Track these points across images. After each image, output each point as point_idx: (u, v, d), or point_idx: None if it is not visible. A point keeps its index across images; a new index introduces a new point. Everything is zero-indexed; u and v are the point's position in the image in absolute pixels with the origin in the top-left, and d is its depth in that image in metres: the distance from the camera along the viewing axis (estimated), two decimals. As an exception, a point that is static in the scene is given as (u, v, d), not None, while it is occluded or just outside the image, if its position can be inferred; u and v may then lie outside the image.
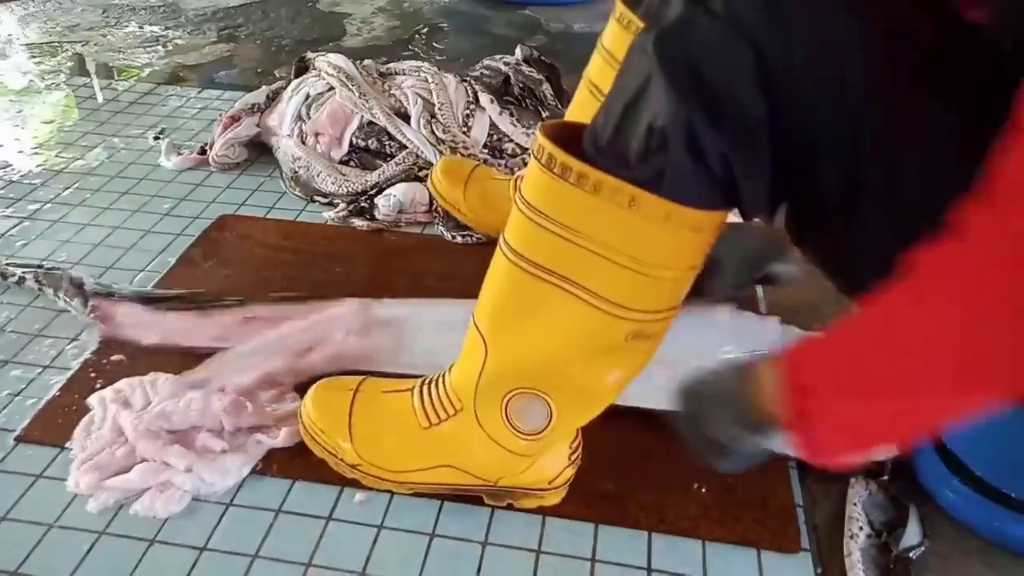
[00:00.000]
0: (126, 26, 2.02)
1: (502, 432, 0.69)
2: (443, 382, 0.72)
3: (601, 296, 0.59)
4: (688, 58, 0.50)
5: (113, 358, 0.92)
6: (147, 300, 1.00)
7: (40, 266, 1.06)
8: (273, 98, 1.41)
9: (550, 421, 0.67)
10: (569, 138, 0.57)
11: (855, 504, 0.74)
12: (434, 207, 1.20)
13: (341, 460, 0.75)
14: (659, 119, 0.52)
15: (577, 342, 0.63)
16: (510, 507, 0.75)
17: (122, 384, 0.86)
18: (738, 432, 0.56)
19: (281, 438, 0.80)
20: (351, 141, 1.29)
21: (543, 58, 1.45)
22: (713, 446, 0.59)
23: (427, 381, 0.74)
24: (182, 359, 0.91)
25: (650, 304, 0.60)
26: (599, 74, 0.89)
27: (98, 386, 0.87)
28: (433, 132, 1.26)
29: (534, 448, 0.70)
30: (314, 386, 0.78)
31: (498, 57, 1.45)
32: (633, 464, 0.80)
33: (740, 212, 0.56)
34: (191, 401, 0.81)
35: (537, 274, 0.60)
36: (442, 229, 1.18)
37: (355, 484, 0.77)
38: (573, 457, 0.73)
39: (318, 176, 1.25)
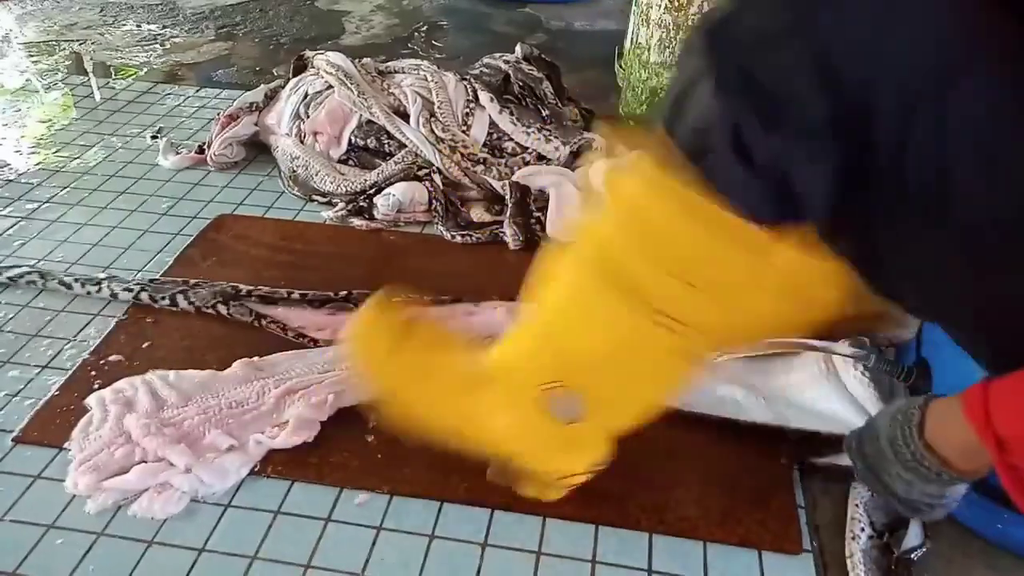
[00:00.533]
0: (124, 24, 2.01)
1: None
2: None
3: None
4: (739, 55, 0.47)
5: (111, 358, 0.92)
6: (311, 302, 1.00)
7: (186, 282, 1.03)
8: (271, 97, 1.40)
9: (586, 417, 0.64)
10: None
11: (857, 505, 0.74)
12: (433, 206, 1.19)
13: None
14: (702, 121, 0.49)
15: (625, 349, 0.59)
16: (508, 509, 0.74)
17: (122, 384, 0.86)
18: (915, 484, 0.56)
19: (280, 439, 0.80)
20: (350, 140, 1.29)
21: (543, 56, 1.45)
22: (898, 500, 0.58)
23: None
24: (183, 357, 0.91)
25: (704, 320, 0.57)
26: None
27: (96, 386, 0.87)
28: (432, 131, 1.25)
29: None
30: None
31: (498, 55, 1.45)
32: (634, 465, 0.79)
33: (795, 220, 0.51)
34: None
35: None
36: (441, 228, 1.17)
37: (354, 485, 0.77)
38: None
39: (317, 175, 1.24)
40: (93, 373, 0.89)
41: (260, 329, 0.96)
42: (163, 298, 0.99)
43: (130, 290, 1.00)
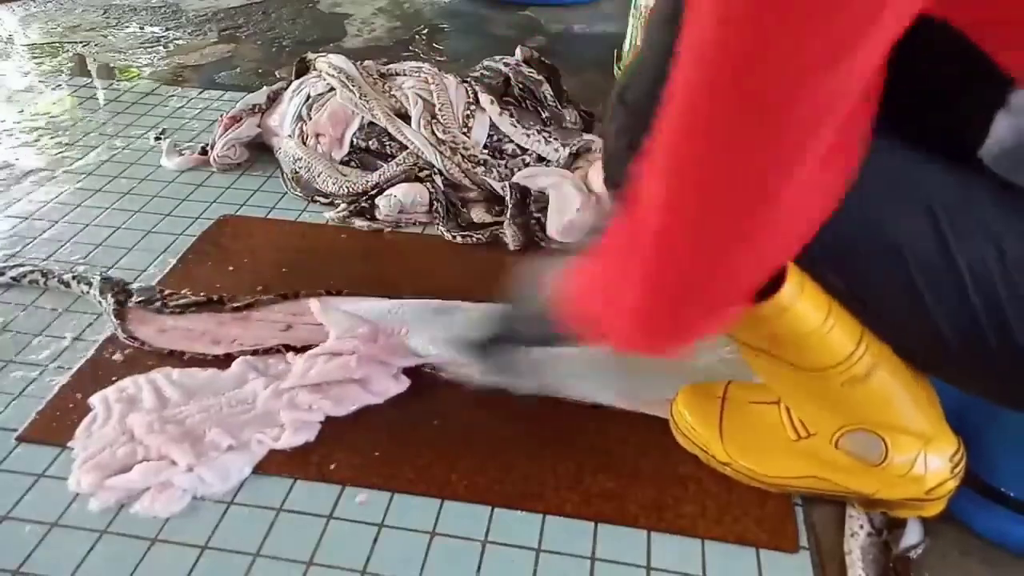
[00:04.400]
0: (127, 27, 2.02)
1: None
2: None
3: (795, 364, 0.68)
4: None
5: (114, 357, 0.92)
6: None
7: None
8: (274, 99, 1.41)
9: (887, 452, 0.69)
10: None
11: (854, 503, 0.74)
12: (434, 207, 1.20)
13: (712, 457, 0.79)
14: None
15: (812, 393, 0.71)
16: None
17: (126, 382, 0.86)
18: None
19: (283, 440, 0.80)
20: (352, 142, 1.30)
21: (543, 59, 1.46)
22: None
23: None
24: (184, 357, 0.92)
25: (827, 361, 0.66)
26: None
27: (99, 386, 0.87)
28: (433, 133, 1.26)
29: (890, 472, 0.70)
30: (682, 390, 0.83)
31: (498, 58, 1.45)
32: (632, 463, 0.80)
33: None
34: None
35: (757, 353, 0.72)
36: (442, 229, 1.18)
37: (356, 483, 0.77)
38: (956, 470, 0.70)
39: (319, 176, 1.25)
40: (95, 373, 0.90)
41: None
42: (139, 302, 0.99)
43: (117, 301, 0.99)
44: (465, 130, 1.29)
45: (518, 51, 1.47)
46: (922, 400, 0.69)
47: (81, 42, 1.92)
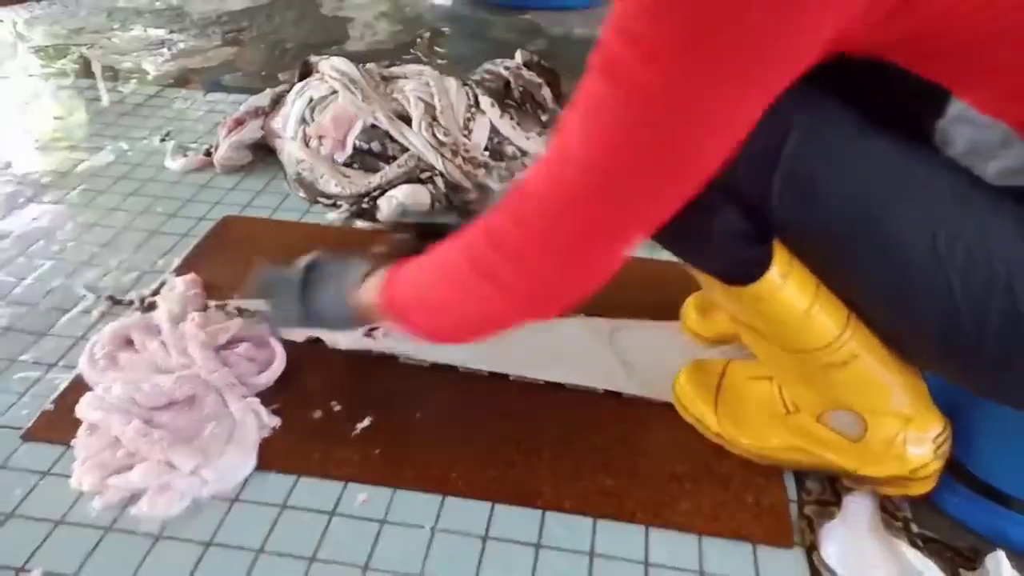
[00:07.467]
0: (131, 29, 2.04)
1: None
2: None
3: (781, 345, 0.72)
4: None
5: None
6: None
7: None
8: (277, 101, 1.42)
9: (866, 430, 0.71)
10: None
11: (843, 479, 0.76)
12: (435, 209, 1.21)
13: (707, 428, 0.82)
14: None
15: (798, 372, 0.75)
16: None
17: (99, 390, 0.86)
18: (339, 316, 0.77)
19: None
20: (354, 144, 1.30)
21: (543, 62, 1.47)
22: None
23: None
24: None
25: (811, 344, 0.69)
26: None
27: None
28: (435, 135, 1.27)
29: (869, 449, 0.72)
30: (687, 366, 0.87)
31: (499, 61, 1.47)
32: (629, 460, 0.81)
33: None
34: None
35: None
36: (444, 231, 1.19)
37: (358, 480, 0.78)
38: (939, 451, 0.72)
39: (321, 178, 1.26)
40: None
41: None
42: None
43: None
44: (466, 132, 1.30)
45: (518, 54, 1.49)
46: (906, 382, 0.71)
47: (86, 45, 1.93)
